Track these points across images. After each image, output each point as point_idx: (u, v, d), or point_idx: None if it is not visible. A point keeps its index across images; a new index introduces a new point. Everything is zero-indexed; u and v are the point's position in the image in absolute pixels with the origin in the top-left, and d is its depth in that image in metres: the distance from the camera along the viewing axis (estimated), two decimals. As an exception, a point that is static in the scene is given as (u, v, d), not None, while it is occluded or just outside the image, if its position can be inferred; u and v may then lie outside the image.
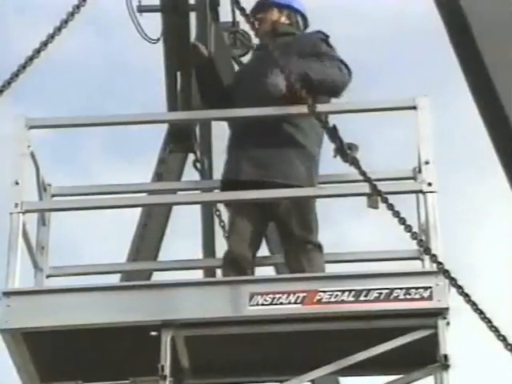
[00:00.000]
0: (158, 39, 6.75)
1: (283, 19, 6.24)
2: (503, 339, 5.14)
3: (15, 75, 5.55)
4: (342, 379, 7.40)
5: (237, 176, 5.93)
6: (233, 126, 6.27)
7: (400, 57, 18.29)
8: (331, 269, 5.96)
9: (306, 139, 5.93)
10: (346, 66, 6.04)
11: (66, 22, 5.64)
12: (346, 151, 5.34)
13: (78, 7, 5.65)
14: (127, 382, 5.83)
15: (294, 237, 5.87)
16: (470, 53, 6.88)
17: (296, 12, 6.29)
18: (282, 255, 6.14)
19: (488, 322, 5.14)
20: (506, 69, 6.67)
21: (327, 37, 6.16)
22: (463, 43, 6.91)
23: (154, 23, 6.73)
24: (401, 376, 5.34)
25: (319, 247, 5.90)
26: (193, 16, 6.90)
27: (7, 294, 5.22)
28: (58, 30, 5.60)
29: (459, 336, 5.49)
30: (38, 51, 5.59)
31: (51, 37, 5.61)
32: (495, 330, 5.14)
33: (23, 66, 5.58)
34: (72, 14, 5.66)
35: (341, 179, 5.97)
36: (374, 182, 5.31)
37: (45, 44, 5.60)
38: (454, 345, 5.25)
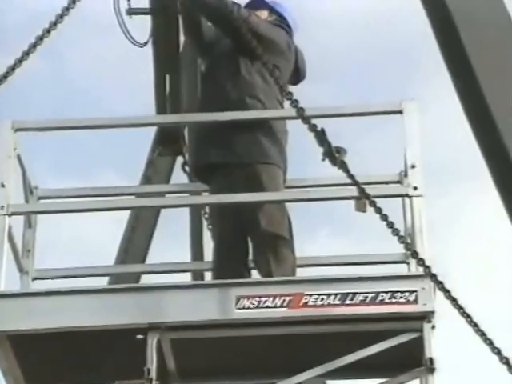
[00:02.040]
0: (146, 43, 6.72)
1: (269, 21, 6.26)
2: (490, 343, 5.15)
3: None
4: (329, 382, 7.42)
5: (205, 160, 5.99)
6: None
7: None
8: (317, 272, 5.96)
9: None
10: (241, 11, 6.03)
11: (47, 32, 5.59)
12: (334, 155, 5.29)
13: (61, 16, 5.65)
14: None
15: (261, 234, 5.85)
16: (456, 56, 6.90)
17: (284, 20, 6.27)
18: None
19: (475, 325, 5.15)
20: (493, 72, 6.70)
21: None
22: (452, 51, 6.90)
23: (140, 27, 6.71)
24: (387, 379, 5.33)
25: (290, 246, 5.87)
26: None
27: None
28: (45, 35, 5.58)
29: (445, 339, 5.52)
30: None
31: (40, 38, 5.59)
32: (482, 333, 5.14)
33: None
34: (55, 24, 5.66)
35: (329, 182, 5.97)
36: (362, 186, 5.29)
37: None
38: (439, 348, 5.23)
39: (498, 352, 5.17)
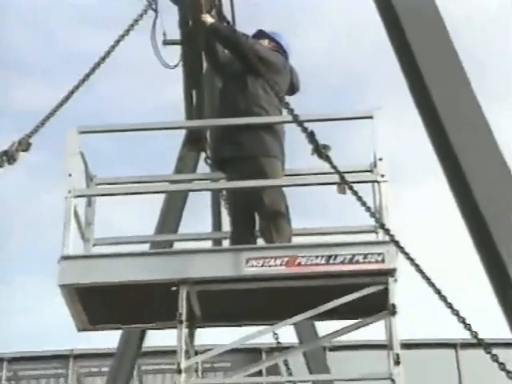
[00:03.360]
0: (176, 65, 6.55)
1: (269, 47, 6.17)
2: (439, 293, 5.14)
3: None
4: (316, 323, 7.35)
5: (221, 154, 5.93)
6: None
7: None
8: (307, 240, 5.89)
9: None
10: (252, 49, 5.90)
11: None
12: (321, 150, 5.26)
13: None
14: (153, 325, 5.84)
15: (265, 210, 5.78)
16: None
17: (280, 47, 6.21)
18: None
19: (428, 279, 5.15)
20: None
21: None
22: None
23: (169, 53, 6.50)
24: (359, 320, 5.34)
25: (287, 221, 5.79)
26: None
27: (64, 258, 5.27)
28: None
29: (404, 290, 5.38)
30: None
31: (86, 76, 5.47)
32: (433, 285, 5.13)
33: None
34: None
35: (317, 172, 5.86)
36: (343, 174, 5.27)
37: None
38: (400, 296, 5.16)
39: (444, 299, 5.15)
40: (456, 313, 5.10)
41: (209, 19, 6.13)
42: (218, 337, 6.11)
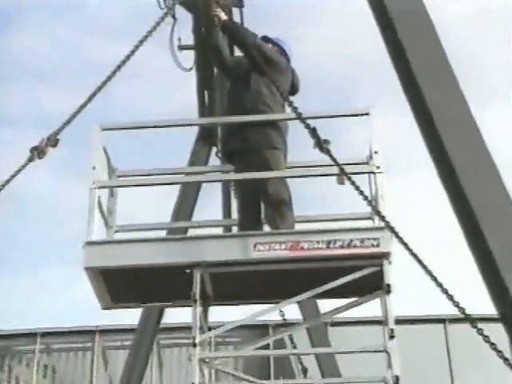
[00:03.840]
0: (191, 68, 6.56)
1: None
2: (431, 274, 5.05)
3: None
4: (318, 301, 7.21)
5: (229, 147, 5.94)
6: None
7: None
8: (309, 226, 5.87)
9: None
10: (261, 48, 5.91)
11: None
12: (322, 145, 5.26)
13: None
14: (171, 303, 5.89)
15: (270, 199, 5.78)
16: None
17: (283, 51, 6.22)
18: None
19: (420, 262, 5.06)
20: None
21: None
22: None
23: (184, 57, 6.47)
24: (357, 298, 5.36)
25: (289, 208, 5.78)
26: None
27: (88, 243, 5.31)
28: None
29: (398, 271, 5.39)
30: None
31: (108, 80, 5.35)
32: (425, 267, 5.05)
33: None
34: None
35: (318, 164, 5.81)
36: (342, 166, 5.26)
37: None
38: (394, 277, 5.18)
39: (435, 279, 5.07)
40: (445, 291, 5.06)
41: (222, 15, 6.12)
42: (229, 314, 6.08)
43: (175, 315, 7.18)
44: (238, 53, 6.58)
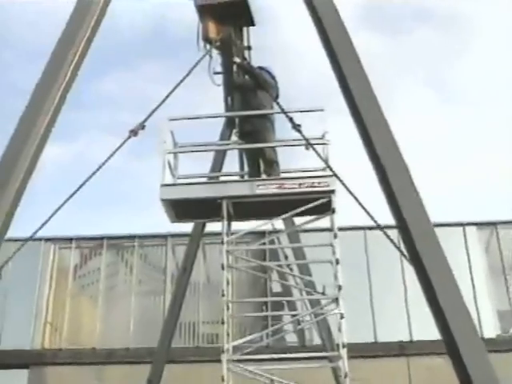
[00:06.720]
0: (220, 84, 6.46)
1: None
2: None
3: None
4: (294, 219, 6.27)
5: (241, 130, 5.91)
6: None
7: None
8: (290, 175, 5.81)
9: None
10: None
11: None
12: (296, 127, 5.24)
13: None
14: (209, 219, 5.99)
15: (266, 159, 5.76)
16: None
17: (271, 74, 6.16)
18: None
19: (350, 192, 4.81)
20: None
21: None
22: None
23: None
24: (317, 216, 5.46)
25: (277, 164, 5.81)
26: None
27: (163, 185, 5.39)
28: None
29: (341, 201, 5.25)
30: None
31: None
32: (353, 195, 4.81)
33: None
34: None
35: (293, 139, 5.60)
36: (308, 139, 5.17)
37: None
38: (337, 204, 5.14)
39: (356, 199, 4.69)
40: (367, 212, 4.80)
41: (237, 60, 6.24)
42: (242, 226, 5.86)
43: (212, 226, 6.69)
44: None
